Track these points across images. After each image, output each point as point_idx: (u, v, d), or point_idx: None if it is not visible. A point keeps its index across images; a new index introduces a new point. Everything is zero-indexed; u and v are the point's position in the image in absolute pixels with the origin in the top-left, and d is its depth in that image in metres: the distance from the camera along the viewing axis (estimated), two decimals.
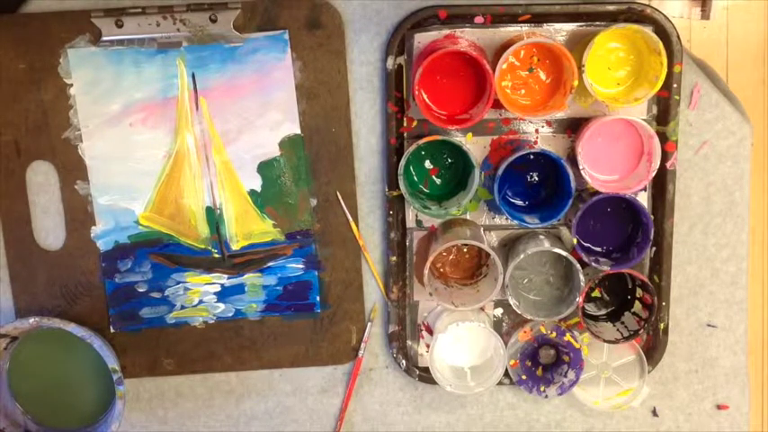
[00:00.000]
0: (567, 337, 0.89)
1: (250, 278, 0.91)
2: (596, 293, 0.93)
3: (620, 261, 0.87)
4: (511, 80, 0.86)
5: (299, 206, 0.90)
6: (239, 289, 0.92)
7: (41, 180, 0.89)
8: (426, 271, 0.85)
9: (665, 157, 0.87)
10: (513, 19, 0.85)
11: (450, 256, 0.92)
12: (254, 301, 0.92)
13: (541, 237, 0.89)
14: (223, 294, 0.92)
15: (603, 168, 0.87)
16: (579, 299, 0.86)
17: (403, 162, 0.84)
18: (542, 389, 0.90)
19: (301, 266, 0.91)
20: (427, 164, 0.89)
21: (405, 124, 0.88)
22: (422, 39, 0.85)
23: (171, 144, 0.88)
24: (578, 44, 0.84)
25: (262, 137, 0.88)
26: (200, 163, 0.89)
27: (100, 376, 0.90)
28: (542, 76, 0.86)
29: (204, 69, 0.87)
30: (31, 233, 0.90)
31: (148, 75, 0.86)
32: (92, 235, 0.90)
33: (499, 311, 0.93)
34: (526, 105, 0.86)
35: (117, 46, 0.86)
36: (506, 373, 0.91)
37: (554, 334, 0.90)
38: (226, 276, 0.91)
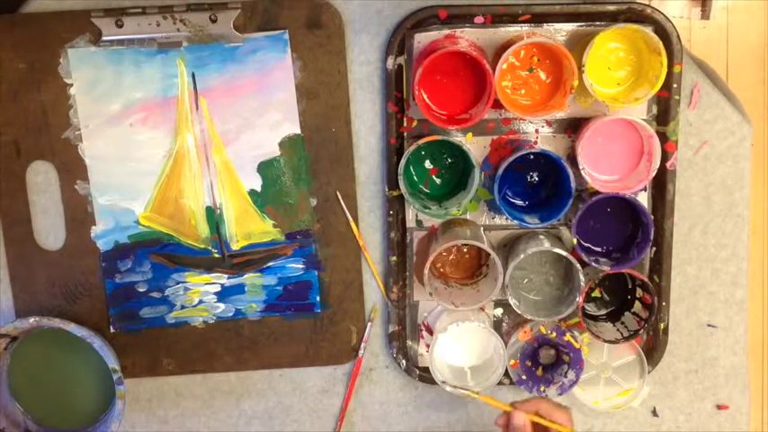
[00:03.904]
0: (567, 337, 0.89)
1: (250, 278, 0.91)
2: (596, 293, 0.93)
3: (620, 261, 0.87)
4: (511, 80, 0.86)
5: (299, 206, 0.90)
6: (239, 289, 0.92)
7: (41, 180, 0.89)
8: (426, 271, 0.85)
9: (665, 157, 0.87)
10: (513, 19, 0.85)
11: (451, 256, 0.92)
12: (254, 301, 0.92)
13: (541, 237, 0.89)
14: (223, 294, 0.92)
15: (603, 168, 0.87)
16: (579, 299, 0.86)
17: (403, 162, 0.84)
18: (542, 389, 0.90)
19: (301, 266, 0.91)
20: (427, 164, 0.89)
21: (405, 124, 0.88)
22: (422, 39, 0.85)
23: (171, 144, 0.88)
24: (578, 44, 0.84)
25: (262, 137, 0.88)
26: (200, 163, 0.89)
27: (100, 376, 0.90)
28: (542, 76, 0.86)
29: (204, 69, 0.87)
30: (31, 233, 0.90)
31: (148, 75, 0.86)
32: (92, 235, 0.90)
33: (499, 311, 0.93)
34: (526, 105, 0.86)
35: (117, 46, 0.86)
36: (506, 373, 0.90)
37: (554, 334, 0.90)
38: (226, 276, 0.91)
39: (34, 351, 0.90)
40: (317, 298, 0.92)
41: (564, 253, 0.85)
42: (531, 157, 0.87)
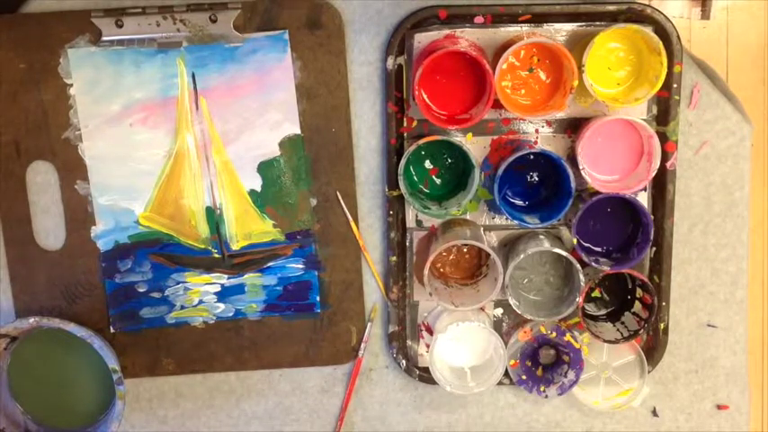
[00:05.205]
0: (567, 337, 0.89)
1: (250, 278, 0.91)
2: (596, 293, 0.93)
3: (620, 261, 0.87)
4: (511, 80, 0.86)
5: (299, 206, 0.90)
6: (239, 289, 0.92)
7: (41, 180, 0.89)
8: (426, 271, 0.85)
9: (665, 157, 0.87)
10: (513, 19, 0.85)
11: (451, 256, 0.92)
12: (254, 301, 0.92)
13: (541, 237, 0.89)
14: (223, 294, 0.92)
15: (603, 168, 0.87)
16: (579, 299, 0.86)
17: (403, 162, 0.84)
18: (542, 389, 0.90)
19: (301, 266, 0.91)
20: (427, 164, 0.89)
21: (405, 124, 0.88)
22: (422, 39, 0.85)
23: (171, 144, 0.88)
24: (578, 44, 0.84)
25: (262, 137, 0.88)
26: (200, 163, 0.89)
27: (100, 376, 0.90)
28: (542, 76, 0.86)
29: (204, 69, 0.87)
30: (31, 233, 0.90)
31: (148, 75, 0.87)
32: (92, 235, 0.90)
33: (499, 311, 0.93)
34: (526, 105, 0.86)
35: (117, 46, 0.86)
36: (506, 373, 0.91)
37: (554, 334, 0.90)
38: (226, 276, 0.91)
39: (34, 351, 0.90)
40: (317, 298, 0.92)
41: (564, 253, 0.85)
42: (531, 157, 0.87)
